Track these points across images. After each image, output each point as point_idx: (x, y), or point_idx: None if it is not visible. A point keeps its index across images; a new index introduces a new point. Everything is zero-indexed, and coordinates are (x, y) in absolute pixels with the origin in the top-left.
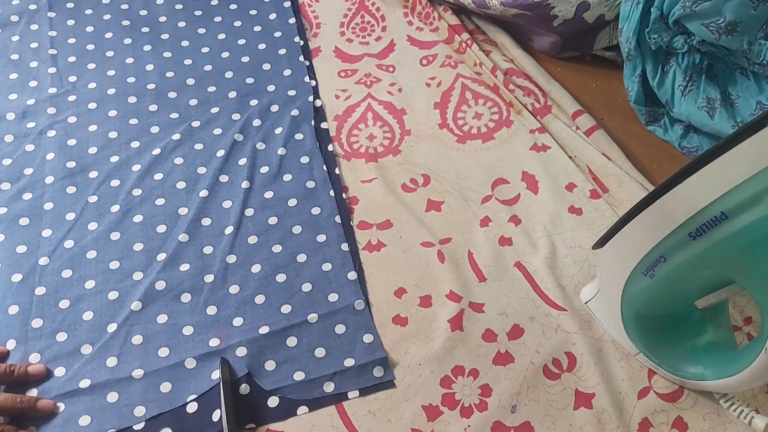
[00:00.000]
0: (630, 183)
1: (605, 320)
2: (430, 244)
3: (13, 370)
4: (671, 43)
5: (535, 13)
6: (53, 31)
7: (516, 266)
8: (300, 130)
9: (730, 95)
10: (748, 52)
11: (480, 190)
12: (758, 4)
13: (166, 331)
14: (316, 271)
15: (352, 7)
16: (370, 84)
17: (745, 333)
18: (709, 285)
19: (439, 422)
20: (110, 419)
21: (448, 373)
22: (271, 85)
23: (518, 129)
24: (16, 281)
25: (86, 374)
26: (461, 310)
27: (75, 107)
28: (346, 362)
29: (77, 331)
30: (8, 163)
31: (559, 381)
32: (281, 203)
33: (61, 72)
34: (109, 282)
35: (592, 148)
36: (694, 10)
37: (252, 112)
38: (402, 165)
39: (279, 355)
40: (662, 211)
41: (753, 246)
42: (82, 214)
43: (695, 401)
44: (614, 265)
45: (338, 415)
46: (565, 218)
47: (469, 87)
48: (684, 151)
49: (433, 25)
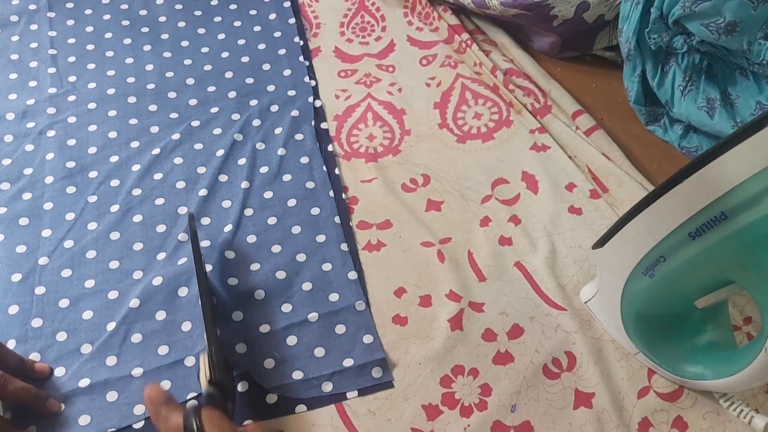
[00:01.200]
0: (630, 183)
1: (605, 320)
2: (430, 243)
3: (24, 363)
4: (671, 43)
5: (534, 13)
6: (53, 31)
7: (516, 266)
8: (300, 130)
9: (729, 95)
10: (747, 53)
11: (480, 190)
12: (758, 5)
13: (165, 329)
14: (316, 271)
15: (352, 7)
16: (370, 84)
17: (744, 333)
18: (709, 285)
19: (439, 422)
20: (110, 418)
21: (448, 373)
22: (271, 85)
23: (518, 129)
24: (15, 281)
25: (86, 373)
26: (461, 310)
27: (75, 107)
28: (345, 362)
29: (77, 331)
30: (8, 163)
31: (558, 380)
32: (281, 203)
33: (60, 72)
34: (109, 281)
35: (592, 148)
36: (693, 10)
37: (252, 112)
38: (402, 165)
39: (278, 353)
40: (662, 211)
41: (753, 246)
42: (82, 213)
43: (695, 401)
44: (614, 265)
45: (338, 415)
46: (565, 218)
47: (469, 87)
48: (684, 151)
49: (432, 25)
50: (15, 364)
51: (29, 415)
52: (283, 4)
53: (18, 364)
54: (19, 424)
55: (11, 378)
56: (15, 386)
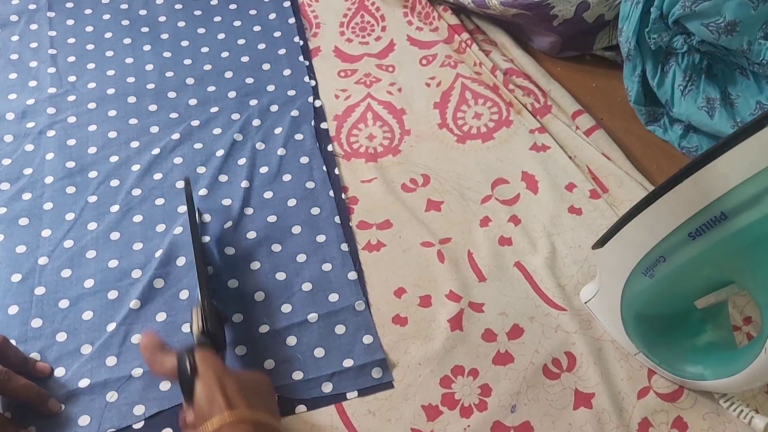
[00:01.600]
0: (630, 183)
1: (605, 320)
2: (430, 244)
3: (27, 361)
4: (671, 43)
5: (534, 13)
6: (53, 31)
7: (516, 266)
8: (300, 130)
9: (729, 95)
10: (747, 52)
11: (480, 190)
12: (758, 4)
13: (165, 329)
14: (316, 271)
15: (352, 7)
16: (370, 84)
17: (744, 333)
18: (709, 285)
19: (439, 422)
20: (110, 418)
21: (448, 373)
22: (271, 85)
23: (518, 129)
24: (15, 281)
25: (85, 374)
26: (461, 310)
27: (74, 107)
28: (345, 363)
29: (77, 331)
30: (8, 163)
31: (558, 381)
32: (281, 203)
33: (60, 72)
34: (109, 281)
35: (592, 148)
36: (693, 9)
37: (252, 112)
38: (402, 165)
39: (278, 354)
40: (662, 211)
41: (753, 246)
42: (82, 213)
43: (695, 401)
44: (614, 265)
45: (338, 415)
46: (565, 218)
47: (469, 87)
48: (684, 151)
49: (432, 24)
50: (18, 361)
51: (29, 414)
52: (282, 4)
53: (21, 361)
54: (20, 423)
55: (14, 375)
56: (18, 383)
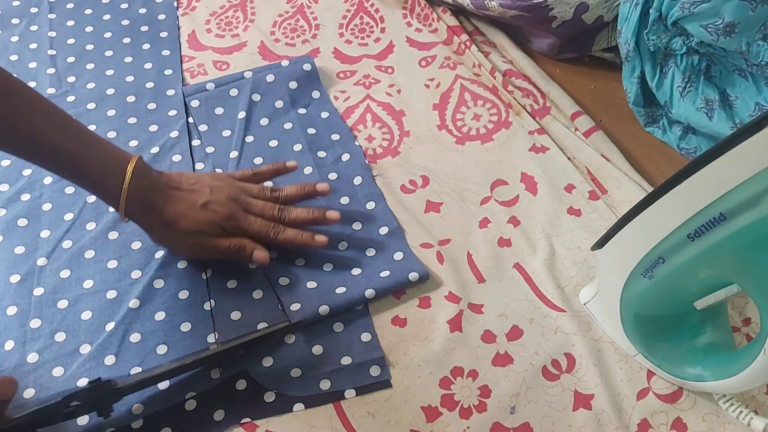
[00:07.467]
0: (629, 184)
1: (604, 321)
2: (429, 245)
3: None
4: (670, 45)
5: (533, 15)
6: (53, 32)
7: (515, 267)
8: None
9: (728, 96)
10: (746, 54)
11: (479, 192)
12: (756, 6)
13: (164, 329)
14: None
15: (351, 9)
16: (369, 85)
17: (744, 334)
18: (708, 286)
19: (439, 423)
20: (108, 418)
21: (447, 374)
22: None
23: (517, 130)
24: (14, 282)
25: (84, 373)
26: (460, 311)
27: (74, 108)
28: (342, 360)
29: (76, 331)
30: (7, 165)
31: (558, 382)
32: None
33: (60, 73)
34: (108, 281)
35: (591, 149)
36: (692, 11)
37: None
38: (401, 166)
39: (276, 352)
40: (661, 213)
41: (752, 247)
42: (81, 214)
43: (694, 402)
44: (613, 267)
45: (337, 416)
46: (564, 219)
47: (468, 88)
48: (683, 152)
49: (432, 26)
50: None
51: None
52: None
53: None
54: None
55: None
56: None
